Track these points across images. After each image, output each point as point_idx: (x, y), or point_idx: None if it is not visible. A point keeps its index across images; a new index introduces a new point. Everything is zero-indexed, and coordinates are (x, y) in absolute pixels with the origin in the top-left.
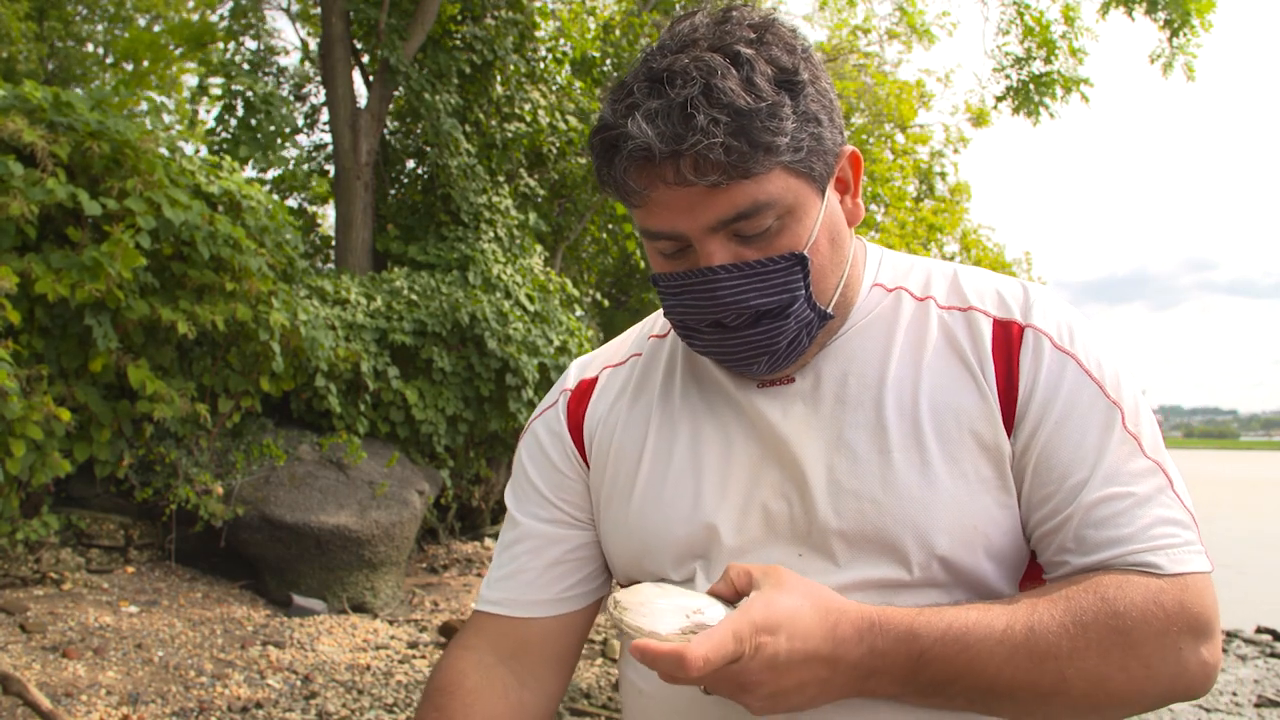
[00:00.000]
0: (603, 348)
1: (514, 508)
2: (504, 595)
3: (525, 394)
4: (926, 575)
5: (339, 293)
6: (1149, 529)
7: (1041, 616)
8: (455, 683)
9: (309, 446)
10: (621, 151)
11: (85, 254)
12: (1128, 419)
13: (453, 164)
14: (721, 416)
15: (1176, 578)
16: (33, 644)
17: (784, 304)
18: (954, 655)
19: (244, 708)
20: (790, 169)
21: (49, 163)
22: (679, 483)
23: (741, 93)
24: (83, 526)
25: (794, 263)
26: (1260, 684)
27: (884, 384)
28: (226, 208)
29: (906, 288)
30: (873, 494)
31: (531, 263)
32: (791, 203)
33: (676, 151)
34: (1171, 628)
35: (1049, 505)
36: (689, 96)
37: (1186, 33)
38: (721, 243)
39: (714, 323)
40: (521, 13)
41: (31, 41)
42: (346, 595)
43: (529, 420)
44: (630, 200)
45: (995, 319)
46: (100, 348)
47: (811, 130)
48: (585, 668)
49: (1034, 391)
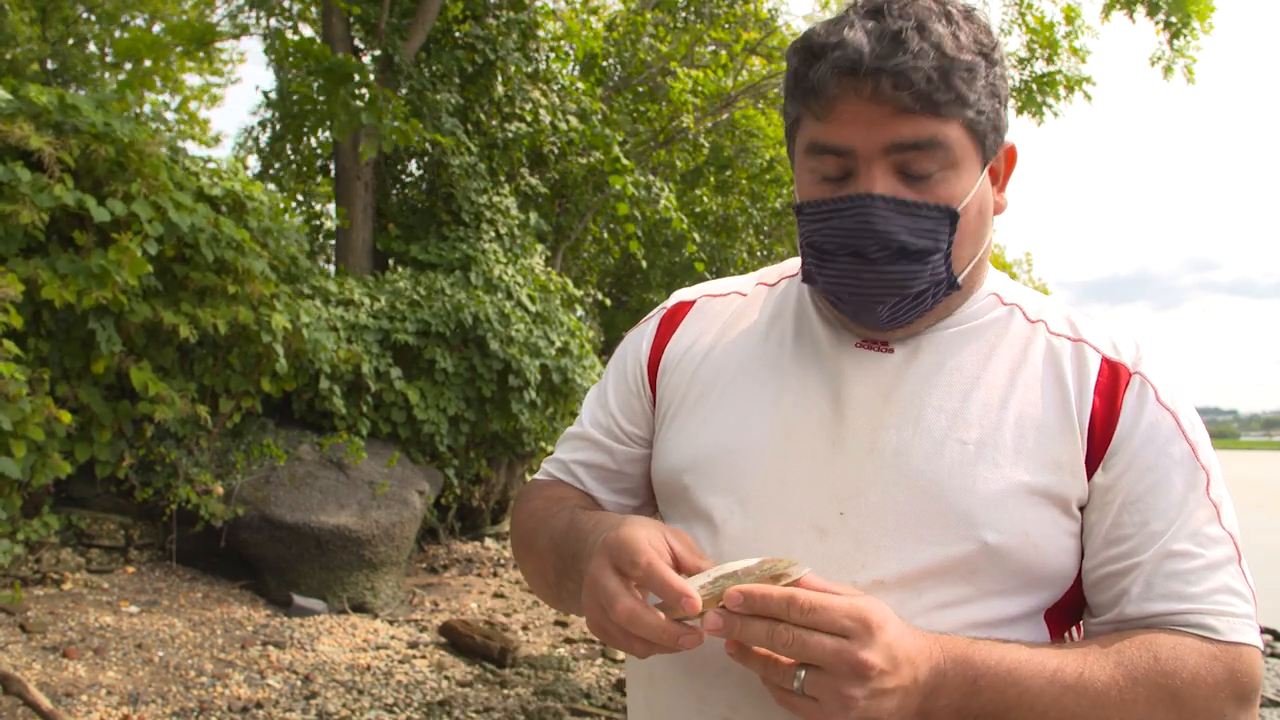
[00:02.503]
0: (708, 283)
1: (586, 405)
2: (557, 471)
3: (527, 395)
4: (966, 567)
5: (343, 293)
6: (1213, 594)
7: (1092, 665)
8: (535, 498)
9: (309, 446)
10: (828, 57)
11: (92, 261)
12: (1212, 485)
13: (454, 163)
14: (807, 370)
15: (1231, 646)
16: (33, 644)
17: (927, 250)
18: (1005, 687)
19: (244, 708)
20: (968, 128)
21: (56, 168)
22: (746, 415)
23: (950, 40)
24: (83, 526)
25: (946, 214)
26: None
27: (977, 381)
28: (230, 209)
29: (1021, 306)
30: (937, 474)
31: (532, 263)
32: (959, 158)
33: (881, 69)
34: (1220, 693)
35: (1124, 545)
36: (904, 26)
37: (1186, 35)
38: (886, 172)
39: (855, 252)
40: (524, 12)
41: (35, 43)
42: (347, 595)
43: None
44: (816, 108)
45: (1105, 357)
46: (104, 350)
47: (994, 103)
48: (585, 668)
49: (1133, 434)
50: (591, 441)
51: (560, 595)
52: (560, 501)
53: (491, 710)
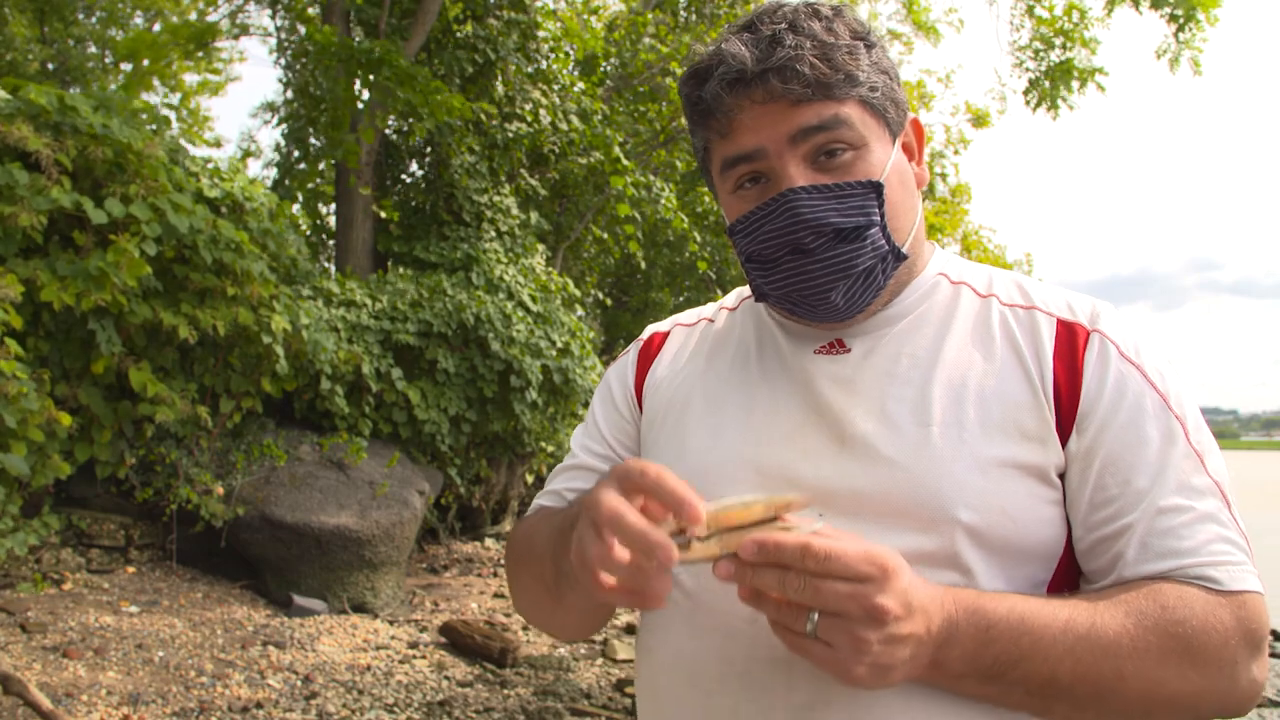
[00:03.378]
0: (679, 314)
1: (575, 440)
2: (550, 501)
3: (528, 395)
4: (948, 550)
5: (344, 293)
6: (1209, 544)
7: (1103, 614)
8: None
9: (309, 446)
10: (714, 74)
11: (91, 262)
12: (1191, 434)
13: (455, 163)
14: (774, 380)
15: (1235, 595)
16: (33, 644)
17: (861, 226)
18: (1018, 637)
19: (244, 708)
20: (866, 104)
21: (54, 170)
22: (720, 430)
23: (824, 31)
24: (83, 527)
25: (870, 188)
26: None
27: (935, 365)
28: (229, 210)
29: (970, 283)
30: (906, 463)
31: (533, 263)
32: (865, 134)
33: (766, 69)
34: (1230, 641)
35: (1111, 507)
36: (778, 29)
37: (1192, 28)
38: (800, 164)
39: (794, 249)
40: (524, 13)
41: (35, 43)
42: (347, 595)
43: (608, 368)
44: (717, 125)
45: (1059, 319)
46: (104, 351)
47: (885, 80)
48: (585, 668)
49: (1100, 395)
50: (586, 469)
51: (557, 587)
52: (559, 512)
53: (491, 710)
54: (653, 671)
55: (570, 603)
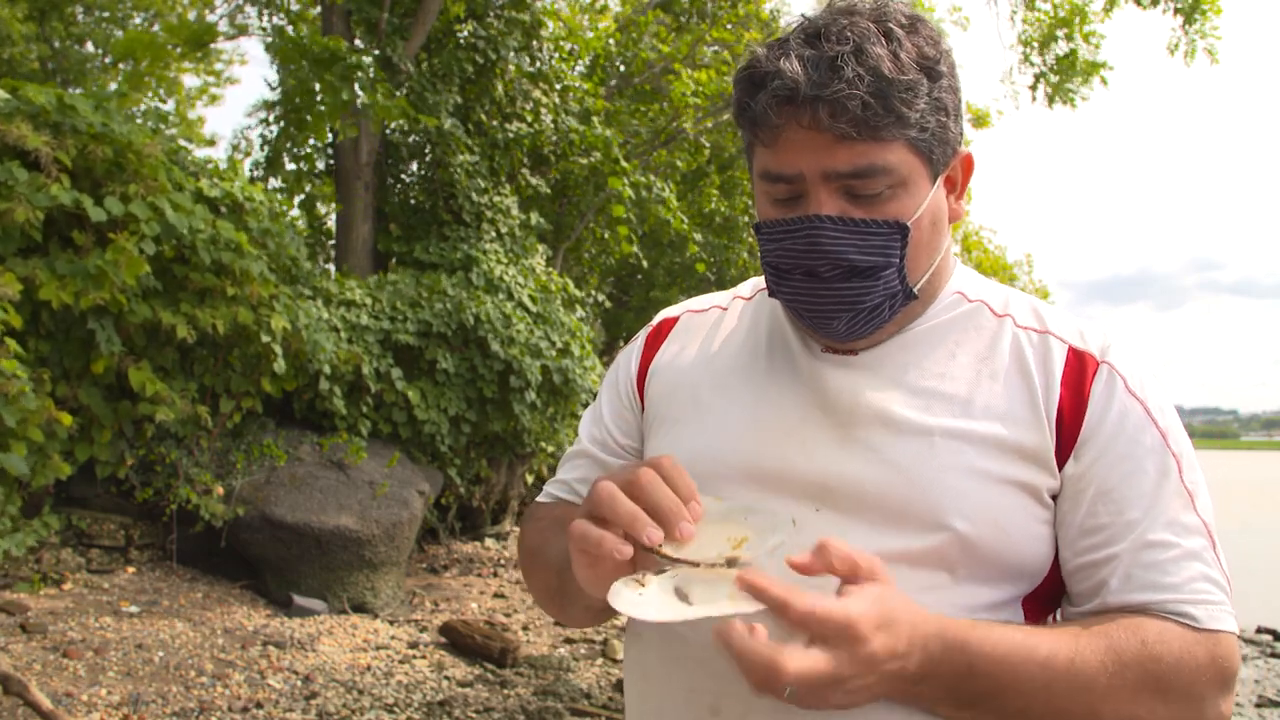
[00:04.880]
0: (693, 299)
1: (582, 423)
2: (559, 491)
3: (528, 395)
4: (939, 554)
5: (344, 293)
6: (1192, 582)
7: (1083, 650)
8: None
9: (309, 447)
10: (767, 87)
11: (90, 261)
12: (1184, 473)
13: (455, 163)
14: (781, 377)
15: (1211, 633)
16: (33, 644)
17: (877, 266)
18: (1000, 672)
19: (244, 708)
20: (912, 146)
21: (53, 168)
22: (725, 421)
23: (888, 61)
24: (83, 527)
25: (896, 230)
26: (1260, 684)
27: (944, 376)
28: (229, 210)
29: (987, 301)
30: (906, 467)
31: (533, 263)
32: (906, 176)
33: (819, 96)
34: (1200, 678)
35: (1100, 535)
36: (841, 52)
37: (1199, 18)
38: (833, 194)
39: (808, 271)
40: (526, 12)
41: (33, 42)
42: (347, 595)
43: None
44: (763, 136)
45: (1071, 347)
46: (103, 351)
47: (939, 118)
48: (585, 668)
49: (1102, 424)
50: (590, 457)
51: (563, 587)
52: (568, 516)
53: (491, 710)
54: (641, 650)
55: (579, 611)
